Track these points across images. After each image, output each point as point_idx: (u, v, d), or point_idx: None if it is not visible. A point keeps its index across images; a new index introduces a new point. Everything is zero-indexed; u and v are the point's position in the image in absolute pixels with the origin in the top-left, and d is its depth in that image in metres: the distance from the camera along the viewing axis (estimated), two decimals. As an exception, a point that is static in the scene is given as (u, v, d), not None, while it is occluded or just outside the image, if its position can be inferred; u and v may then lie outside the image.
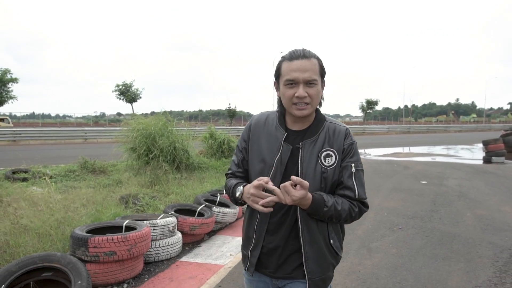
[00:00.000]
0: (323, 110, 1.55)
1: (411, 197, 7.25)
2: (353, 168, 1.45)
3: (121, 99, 39.23)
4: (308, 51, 1.43)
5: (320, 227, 1.46)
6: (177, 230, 4.28)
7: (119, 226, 3.76)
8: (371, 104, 52.17)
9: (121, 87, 38.53)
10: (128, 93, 38.67)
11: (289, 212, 1.45)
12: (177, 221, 4.32)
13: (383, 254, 4.20)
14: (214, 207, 5.02)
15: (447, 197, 7.23)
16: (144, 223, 3.79)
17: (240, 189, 1.47)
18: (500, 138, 15.26)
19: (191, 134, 9.16)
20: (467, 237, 4.79)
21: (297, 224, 1.44)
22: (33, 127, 31.42)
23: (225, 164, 9.69)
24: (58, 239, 3.84)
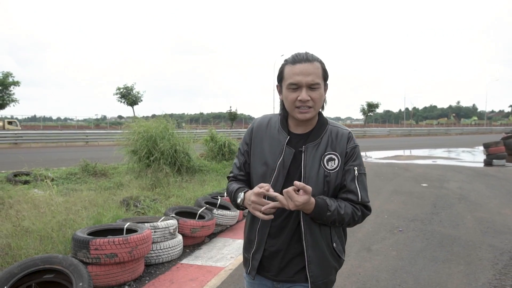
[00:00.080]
0: (324, 113, 1.55)
1: (411, 200, 7.25)
2: (356, 171, 1.45)
3: (122, 102, 39.37)
4: (311, 54, 1.43)
5: (323, 231, 1.46)
6: (178, 232, 4.29)
7: (120, 228, 3.77)
8: (372, 107, 52.17)
9: (122, 90, 38.65)
10: (129, 96, 38.78)
11: (291, 215, 1.44)
12: (178, 224, 4.33)
13: (383, 256, 4.21)
14: (214, 210, 5.04)
15: (447, 200, 7.23)
16: (145, 226, 3.81)
17: (241, 195, 1.47)
18: (501, 140, 15.26)
19: (192, 137, 9.19)
20: (467, 239, 4.80)
21: (300, 227, 1.44)
22: (35, 130, 31.49)
23: (225, 167, 9.71)
24: (59, 241, 3.86)
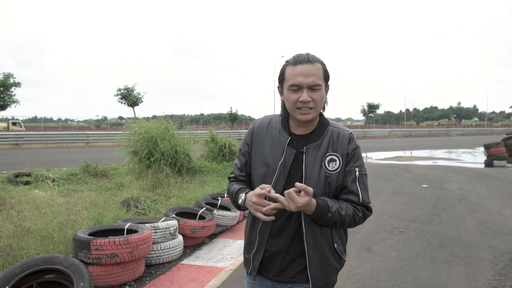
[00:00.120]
0: (325, 114, 1.55)
1: (411, 201, 7.26)
2: (357, 172, 1.45)
3: (123, 103, 39.40)
4: (312, 55, 1.43)
5: (324, 232, 1.46)
6: (178, 233, 4.31)
7: (121, 229, 3.79)
8: (372, 107, 52.18)
9: (123, 91, 38.69)
10: (129, 97, 38.81)
11: (292, 216, 1.44)
12: (178, 224, 4.34)
13: (383, 257, 4.22)
14: (215, 210, 5.05)
15: (448, 201, 7.23)
16: (145, 226, 3.82)
17: (242, 196, 1.47)
18: (501, 141, 15.28)
19: (193, 137, 9.21)
20: (467, 240, 4.80)
21: (301, 228, 1.44)
22: (36, 131, 31.52)
23: (226, 167, 9.73)
24: (60, 241, 3.87)
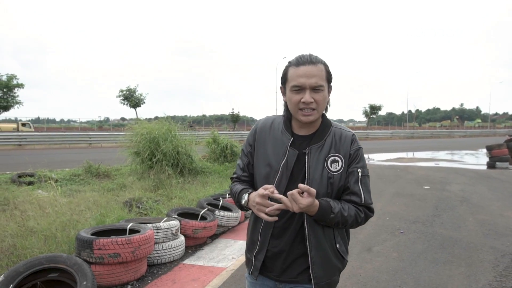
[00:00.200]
0: (327, 115, 1.55)
1: (413, 202, 7.26)
2: (360, 173, 1.46)
3: (125, 104, 39.44)
4: (314, 56, 1.43)
5: (326, 232, 1.47)
6: (180, 233, 4.33)
7: (123, 229, 3.82)
8: (374, 109, 52.04)
9: (125, 92, 38.74)
10: (132, 98, 38.86)
11: (295, 216, 1.45)
12: (180, 225, 4.37)
13: (384, 258, 4.23)
14: (216, 211, 5.07)
15: (449, 202, 7.23)
16: (147, 226, 3.85)
17: (245, 196, 1.47)
18: (504, 143, 15.20)
19: (194, 138, 9.24)
20: (468, 241, 4.80)
21: (303, 228, 1.45)
22: (38, 131, 31.66)
23: (228, 168, 9.75)
24: (63, 241, 3.91)
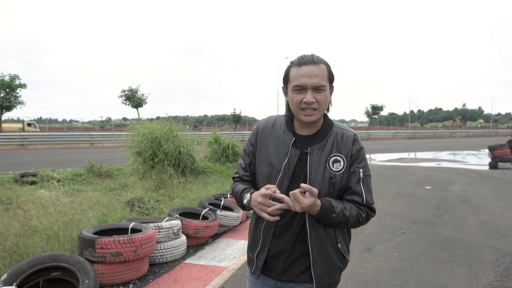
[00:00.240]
0: (329, 115, 1.56)
1: (414, 202, 7.26)
2: (361, 173, 1.46)
3: (127, 104, 39.53)
4: (316, 56, 1.44)
5: (327, 232, 1.47)
6: (181, 233, 4.36)
7: (125, 228, 3.84)
8: (376, 109, 52.00)
9: (127, 92, 38.83)
10: (134, 98, 38.92)
11: (296, 216, 1.45)
12: (182, 224, 4.39)
13: (385, 257, 4.24)
14: (218, 211, 5.09)
15: (451, 202, 7.23)
16: (149, 226, 3.87)
17: (247, 196, 1.48)
18: (506, 143, 15.17)
19: (196, 139, 9.27)
20: (469, 241, 4.81)
21: (305, 228, 1.45)
22: (41, 131, 31.78)
23: (229, 168, 9.77)
24: (66, 240, 3.93)
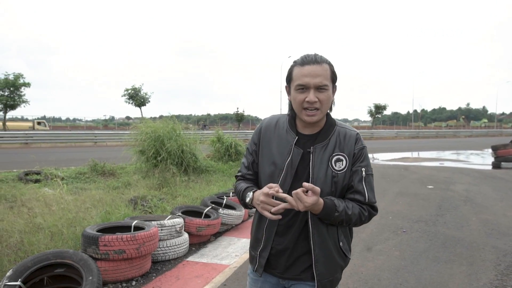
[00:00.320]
0: (332, 114, 1.57)
1: (416, 202, 7.26)
2: (364, 172, 1.47)
3: (130, 103, 39.63)
4: (320, 56, 1.44)
5: (330, 230, 1.48)
6: (184, 231, 4.39)
7: (128, 226, 3.88)
8: (379, 108, 51.82)
9: (130, 91, 38.94)
10: (137, 97, 39.02)
11: (299, 214, 1.46)
12: (184, 222, 4.43)
13: (386, 256, 4.26)
14: (220, 209, 5.13)
15: (453, 202, 7.22)
16: (152, 224, 3.90)
17: (250, 195, 1.49)
18: (509, 143, 15.10)
19: (199, 138, 9.31)
20: (471, 241, 4.81)
21: (307, 226, 1.46)
22: (44, 130, 31.95)
23: (232, 167, 9.81)
24: (69, 237, 3.98)
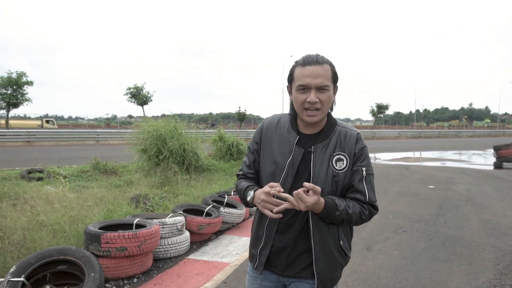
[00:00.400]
0: (334, 114, 1.57)
1: (417, 201, 7.28)
2: (364, 172, 1.48)
3: (132, 101, 39.71)
4: (321, 56, 1.45)
5: (330, 229, 1.50)
6: (185, 229, 4.43)
7: (130, 223, 3.91)
8: (381, 108, 51.74)
9: (132, 90, 39.02)
10: (139, 96, 39.10)
11: (300, 213, 1.47)
12: (186, 221, 4.46)
13: (385, 255, 4.28)
14: (221, 208, 5.16)
15: (453, 202, 7.24)
16: (153, 222, 3.94)
17: (251, 193, 1.50)
18: (511, 143, 15.08)
19: (200, 136, 9.34)
20: (470, 240, 4.83)
21: (308, 225, 1.48)
22: (47, 128, 32.07)
23: (233, 166, 9.84)
24: (72, 235, 4.02)
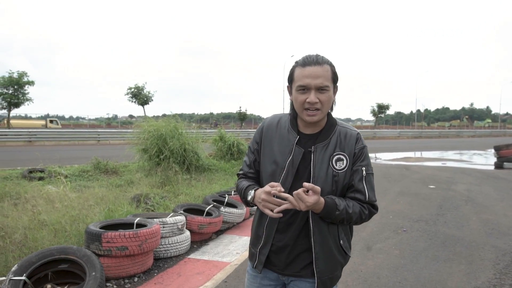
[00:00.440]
0: (335, 114, 1.58)
1: (417, 201, 7.29)
2: (364, 172, 1.49)
3: (133, 101, 39.75)
4: (321, 57, 1.45)
5: (330, 229, 1.50)
6: (186, 228, 4.44)
7: (130, 223, 3.93)
8: (382, 108, 51.72)
9: (133, 89, 39.06)
10: (140, 96, 39.13)
11: (300, 212, 1.47)
12: (186, 220, 4.48)
13: (385, 255, 4.29)
14: (222, 208, 5.17)
15: (454, 202, 7.24)
16: (154, 221, 3.95)
17: (251, 193, 1.51)
18: (512, 143, 15.08)
19: (201, 136, 9.36)
20: (470, 240, 4.84)
21: (308, 224, 1.48)
22: (48, 128, 32.12)
23: (234, 166, 9.86)
24: (73, 234, 4.04)
